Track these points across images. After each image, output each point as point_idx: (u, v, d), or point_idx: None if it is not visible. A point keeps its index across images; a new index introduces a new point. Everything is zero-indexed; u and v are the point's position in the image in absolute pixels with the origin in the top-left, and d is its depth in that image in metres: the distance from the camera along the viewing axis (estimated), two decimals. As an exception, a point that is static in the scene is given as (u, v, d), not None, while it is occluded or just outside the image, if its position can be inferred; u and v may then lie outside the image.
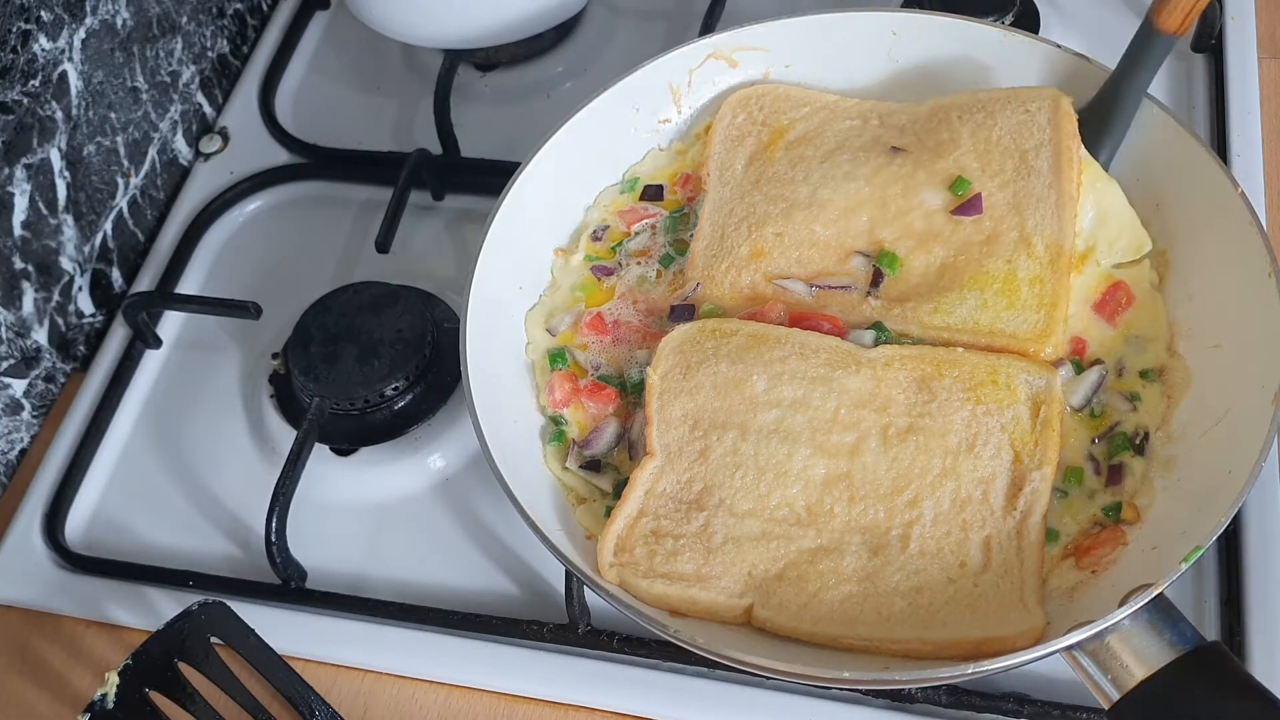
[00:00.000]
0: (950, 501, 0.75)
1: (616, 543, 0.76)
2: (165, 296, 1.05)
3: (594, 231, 0.92)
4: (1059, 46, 0.89)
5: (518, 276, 0.88)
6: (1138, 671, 0.65)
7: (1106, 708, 0.66)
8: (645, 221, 0.92)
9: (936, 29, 0.91)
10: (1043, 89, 0.88)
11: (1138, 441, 0.78)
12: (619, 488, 0.80)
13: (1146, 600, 0.66)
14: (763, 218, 0.87)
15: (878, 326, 0.82)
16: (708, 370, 0.80)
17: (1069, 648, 0.66)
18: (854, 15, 0.92)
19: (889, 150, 0.88)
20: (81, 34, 1.01)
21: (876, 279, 0.84)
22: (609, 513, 0.78)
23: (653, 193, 0.93)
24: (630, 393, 0.84)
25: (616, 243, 0.91)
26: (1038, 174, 0.84)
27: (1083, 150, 0.85)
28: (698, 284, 0.86)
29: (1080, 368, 0.81)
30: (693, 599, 0.74)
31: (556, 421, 0.84)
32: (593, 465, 0.82)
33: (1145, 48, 0.83)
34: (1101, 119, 0.86)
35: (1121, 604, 0.66)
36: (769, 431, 0.78)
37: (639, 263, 0.90)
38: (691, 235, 0.89)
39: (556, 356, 0.85)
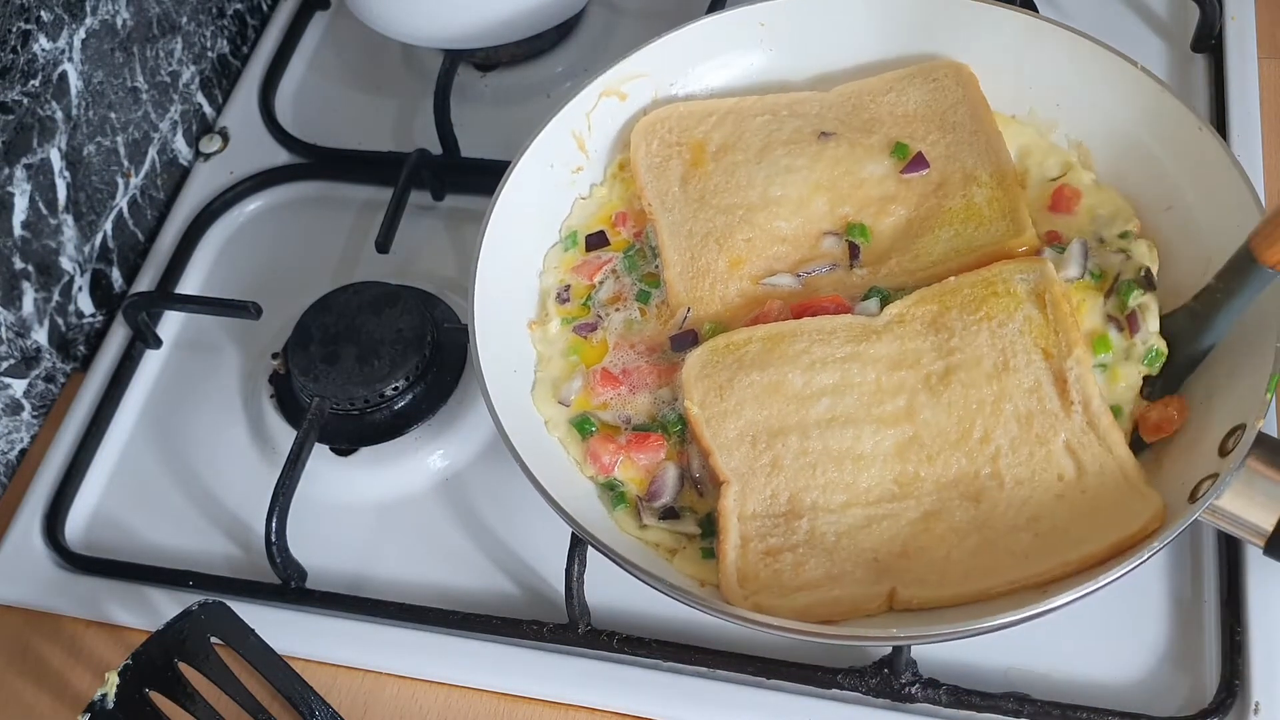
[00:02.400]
0: (1015, 423, 0.77)
1: (737, 575, 0.75)
2: (165, 296, 1.05)
3: (557, 295, 0.89)
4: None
5: (508, 362, 0.85)
6: (1275, 503, 0.69)
7: (1262, 545, 0.70)
8: (604, 269, 0.90)
9: (801, 11, 0.93)
10: (938, 62, 0.94)
11: (1143, 276, 0.81)
12: (705, 525, 0.79)
13: (1249, 439, 0.69)
14: (726, 228, 0.88)
15: (875, 291, 0.84)
16: (741, 384, 0.80)
17: (1207, 510, 0.69)
18: (719, 18, 0.93)
19: (819, 137, 0.91)
20: (81, 34, 1.01)
21: (854, 251, 0.87)
22: (707, 554, 0.78)
23: (596, 240, 0.92)
24: (673, 431, 0.82)
25: (585, 298, 0.89)
26: (961, 127, 0.91)
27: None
28: (688, 309, 0.86)
29: (1061, 250, 0.85)
30: (835, 600, 0.73)
31: (611, 486, 0.82)
32: (670, 514, 0.80)
33: (1243, 275, 0.74)
34: (1191, 332, 0.79)
35: (1225, 453, 0.70)
36: (825, 422, 0.78)
37: (617, 309, 0.88)
38: (656, 267, 0.89)
39: (580, 426, 0.83)
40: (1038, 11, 0.97)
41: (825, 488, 0.77)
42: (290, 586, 0.89)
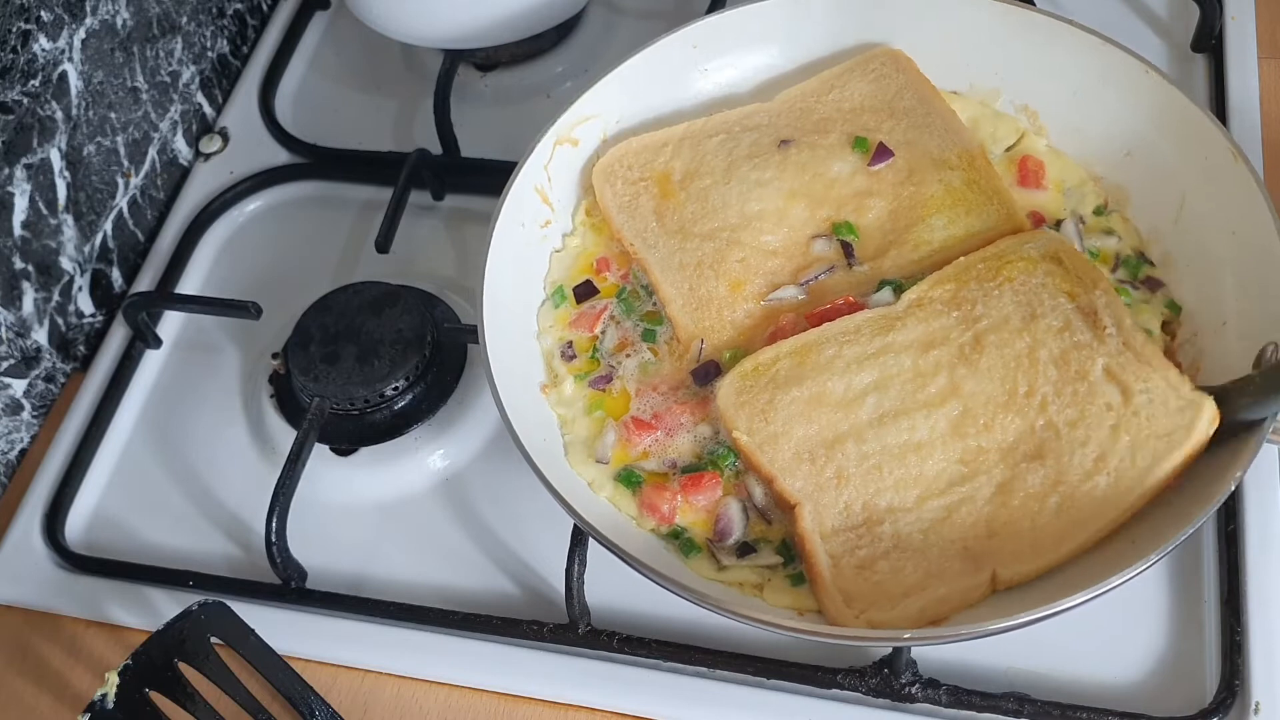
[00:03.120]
0: (1053, 367, 0.78)
1: (842, 596, 0.74)
2: (165, 296, 1.05)
3: (561, 353, 0.87)
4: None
5: (537, 431, 0.82)
6: None
7: None
8: (602, 318, 0.88)
9: (727, 26, 0.93)
10: (872, 52, 0.95)
11: (1145, 257, 0.86)
12: (783, 551, 0.78)
13: None
14: (716, 254, 0.87)
15: (885, 283, 0.85)
16: (783, 403, 0.79)
17: (1272, 431, 0.70)
18: (650, 50, 0.92)
19: (779, 145, 0.91)
20: (81, 34, 1.01)
21: (848, 250, 0.87)
22: (795, 581, 0.77)
23: (584, 290, 0.89)
24: (724, 465, 0.80)
25: (591, 351, 0.87)
26: (912, 111, 0.92)
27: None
28: (701, 341, 0.85)
29: (1053, 230, 0.87)
30: (943, 599, 0.73)
31: (676, 535, 0.79)
32: (746, 550, 0.78)
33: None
34: (1247, 403, 0.74)
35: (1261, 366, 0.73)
36: (876, 421, 0.78)
37: (627, 354, 0.86)
38: (654, 304, 0.88)
39: (627, 480, 0.81)
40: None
41: (896, 486, 0.76)
42: (290, 586, 0.89)
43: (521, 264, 0.89)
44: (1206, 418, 0.73)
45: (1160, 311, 0.83)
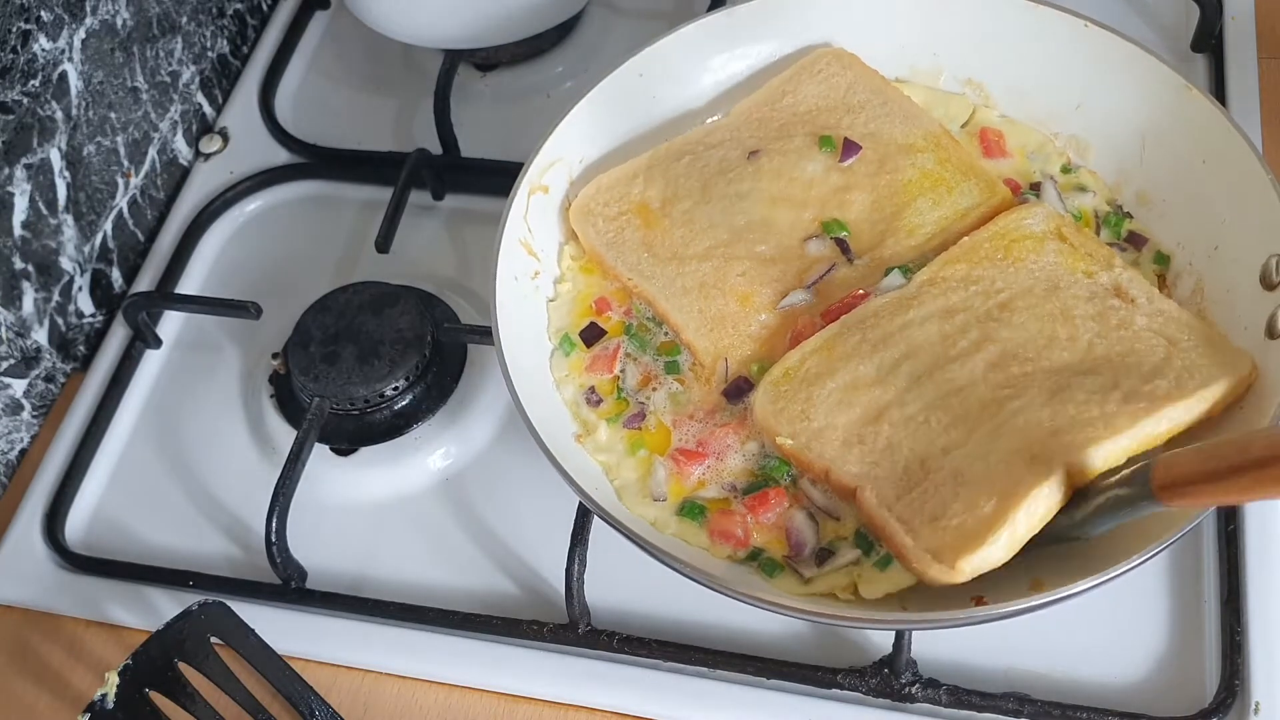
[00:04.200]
0: (1094, 321, 0.78)
1: (930, 555, 0.70)
2: (165, 296, 1.05)
3: (586, 400, 0.85)
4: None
5: (584, 481, 0.77)
6: None
7: None
8: (619, 357, 0.86)
9: (669, 49, 0.92)
10: (814, 54, 0.95)
11: (1121, 209, 0.88)
12: (861, 543, 0.76)
13: None
14: (717, 273, 0.86)
15: (891, 269, 0.85)
16: (819, 399, 0.79)
17: None
18: (598, 89, 0.91)
19: (748, 157, 0.92)
20: (81, 34, 1.01)
21: (844, 247, 0.87)
22: (883, 565, 0.75)
23: (591, 334, 0.87)
24: (782, 476, 0.79)
25: (615, 393, 0.85)
26: (867, 104, 0.93)
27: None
28: (725, 360, 0.84)
29: (1033, 194, 0.89)
30: (1030, 513, 0.69)
31: (755, 557, 0.78)
32: (824, 556, 0.77)
33: (1134, 503, 0.67)
34: (1070, 522, 0.72)
35: (1271, 286, 0.75)
36: (914, 384, 0.78)
37: (653, 389, 0.85)
38: (667, 335, 0.86)
39: (691, 513, 0.79)
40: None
41: (945, 429, 0.75)
42: (290, 586, 0.89)
43: (523, 321, 0.86)
44: (1248, 365, 0.74)
45: (1151, 270, 0.85)
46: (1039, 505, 0.69)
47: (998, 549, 0.68)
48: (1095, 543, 0.70)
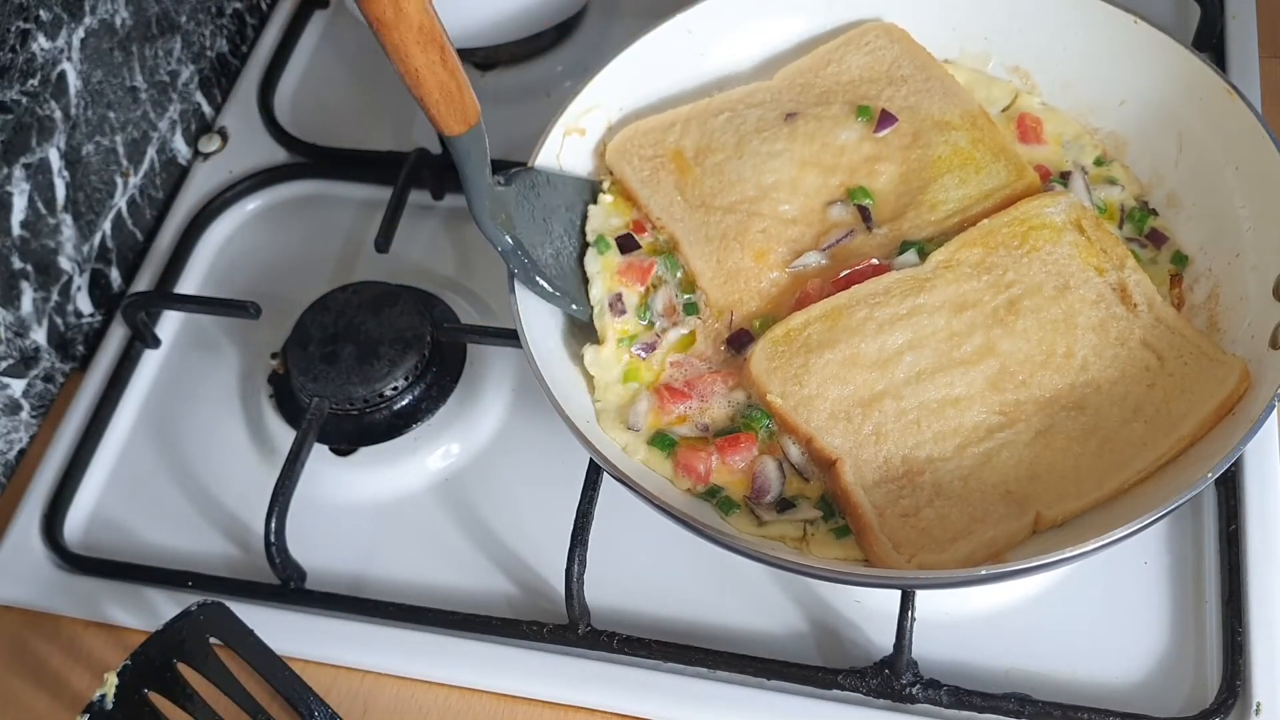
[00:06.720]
0: (1093, 333, 0.79)
1: (890, 543, 0.74)
2: (164, 296, 1.05)
3: (611, 305, 0.86)
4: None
5: (563, 395, 0.79)
6: None
7: None
8: (653, 271, 0.87)
9: (720, 9, 0.94)
10: (865, 26, 0.96)
11: (1148, 206, 0.88)
12: (823, 506, 0.78)
13: None
14: (739, 226, 0.88)
15: (908, 244, 0.85)
16: (816, 367, 0.80)
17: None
18: (647, 38, 0.93)
19: (785, 119, 0.92)
20: (80, 33, 1.01)
21: (865, 214, 0.88)
22: (840, 533, 0.77)
23: (626, 242, 0.89)
24: (759, 426, 0.80)
25: (642, 312, 0.86)
26: (910, 79, 0.94)
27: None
28: (731, 312, 0.85)
29: (1061, 182, 0.89)
30: (991, 540, 0.73)
31: (713, 493, 0.79)
32: (785, 505, 0.78)
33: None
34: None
35: None
36: (913, 379, 0.79)
37: (674, 323, 0.85)
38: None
39: (660, 444, 0.80)
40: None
41: (935, 439, 0.77)
42: (289, 587, 0.89)
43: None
44: (1237, 374, 0.76)
45: (1166, 269, 0.85)
46: (1004, 538, 0.73)
47: (954, 560, 0.73)
48: (1098, 514, 0.74)
